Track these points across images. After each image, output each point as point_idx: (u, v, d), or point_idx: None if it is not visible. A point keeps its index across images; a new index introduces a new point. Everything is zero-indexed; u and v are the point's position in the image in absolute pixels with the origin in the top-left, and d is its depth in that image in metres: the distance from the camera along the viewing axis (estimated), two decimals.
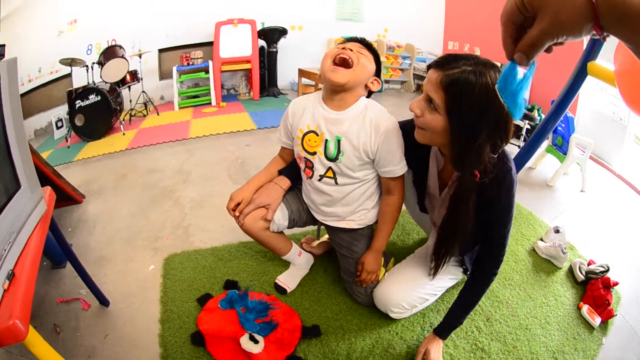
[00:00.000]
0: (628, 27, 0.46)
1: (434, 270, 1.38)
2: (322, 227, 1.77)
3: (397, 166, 1.40)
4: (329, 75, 1.32)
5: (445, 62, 1.08)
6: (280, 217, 1.59)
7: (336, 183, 1.48)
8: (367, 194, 1.54)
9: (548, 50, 0.59)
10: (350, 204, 1.54)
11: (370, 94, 1.47)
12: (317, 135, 1.42)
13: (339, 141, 1.38)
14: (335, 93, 1.37)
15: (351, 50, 1.33)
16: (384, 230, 1.54)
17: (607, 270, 1.80)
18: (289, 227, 1.66)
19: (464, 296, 1.38)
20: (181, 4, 5.26)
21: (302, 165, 1.53)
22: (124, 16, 4.98)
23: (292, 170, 1.61)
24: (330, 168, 1.45)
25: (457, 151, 1.13)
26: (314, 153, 1.44)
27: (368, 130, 1.35)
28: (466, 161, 1.11)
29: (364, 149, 1.37)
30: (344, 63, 1.31)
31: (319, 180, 1.49)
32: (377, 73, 1.43)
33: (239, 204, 1.53)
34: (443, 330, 1.42)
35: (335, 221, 1.60)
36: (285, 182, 1.60)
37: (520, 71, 0.67)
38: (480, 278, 1.34)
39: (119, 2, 4.91)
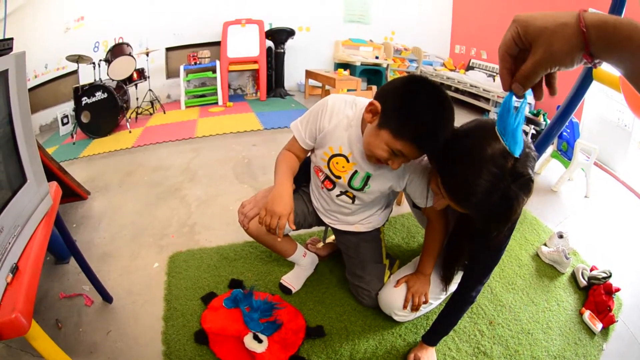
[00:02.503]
0: (617, 50, 0.50)
1: (446, 286, 1.43)
2: (329, 228, 1.76)
3: (423, 200, 1.36)
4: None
5: (462, 195, 1.00)
6: None
7: (353, 202, 1.49)
8: (379, 205, 1.58)
9: (552, 91, 0.62)
10: (363, 214, 1.57)
11: None
12: (348, 162, 1.36)
13: (367, 177, 1.36)
14: None
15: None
16: (427, 255, 1.51)
17: (610, 277, 1.80)
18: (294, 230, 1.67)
19: (450, 307, 1.38)
20: (189, 3, 5.30)
21: (320, 177, 1.49)
22: (131, 14, 5.03)
23: (298, 175, 1.60)
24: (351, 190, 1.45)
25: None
26: (339, 177, 1.40)
27: (399, 171, 1.30)
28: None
29: (392, 187, 1.38)
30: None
31: (338, 195, 1.49)
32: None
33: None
34: (431, 338, 1.42)
35: (344, 225, 1.61)
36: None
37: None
38: (465, 293, 1.33)
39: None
